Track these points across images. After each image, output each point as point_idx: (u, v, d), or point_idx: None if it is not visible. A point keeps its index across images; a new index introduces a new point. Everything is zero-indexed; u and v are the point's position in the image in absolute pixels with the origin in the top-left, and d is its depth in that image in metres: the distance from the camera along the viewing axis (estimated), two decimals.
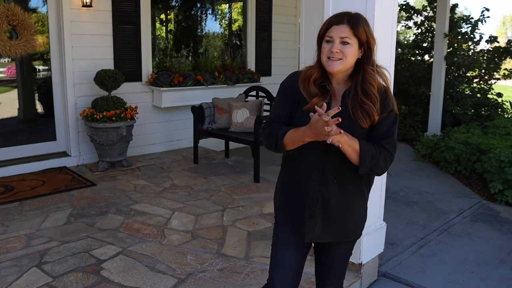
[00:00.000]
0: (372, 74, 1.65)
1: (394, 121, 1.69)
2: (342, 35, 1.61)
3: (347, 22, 1.62)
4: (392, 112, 1.68)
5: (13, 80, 5.01)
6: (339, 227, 1.77)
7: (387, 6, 2.58)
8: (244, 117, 4.92)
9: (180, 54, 6.27)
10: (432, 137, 6.58)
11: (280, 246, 1.85)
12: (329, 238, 1.80)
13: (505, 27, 40.70)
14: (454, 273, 3.20)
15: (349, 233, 1.82)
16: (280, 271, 1.83)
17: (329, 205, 1.72)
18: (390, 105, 1.68)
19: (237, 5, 6.88)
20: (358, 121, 1.64)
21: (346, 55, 1.62)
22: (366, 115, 1.63)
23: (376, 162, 1.64)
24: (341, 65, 1.63)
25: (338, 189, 1.71)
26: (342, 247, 1.87)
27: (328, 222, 1.75)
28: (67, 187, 4.33)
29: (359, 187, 1.76)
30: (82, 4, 4.87)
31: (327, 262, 1.91)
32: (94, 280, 2.69)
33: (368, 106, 1.63)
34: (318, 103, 1.65)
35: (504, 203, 4.62)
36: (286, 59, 7.12)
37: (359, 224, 1.84)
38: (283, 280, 1.82)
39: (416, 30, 8.45)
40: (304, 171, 1.73)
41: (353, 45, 1.62)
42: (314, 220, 1.74)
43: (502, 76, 7.85)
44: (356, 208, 1.79)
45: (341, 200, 1.73)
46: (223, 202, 4.04)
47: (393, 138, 1.69)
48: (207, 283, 2.69)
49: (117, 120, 4.74)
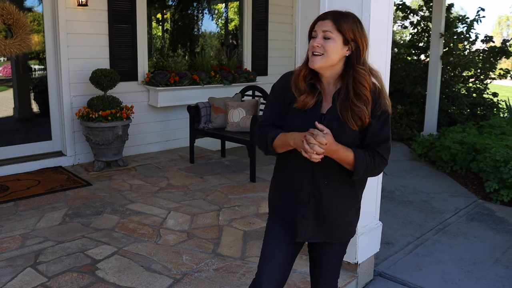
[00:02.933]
0: (363, 74, 1.61)
1: (386, 122, 1.65)
2: (324, 29, 1.59)
3: (331, 17, 1.61)
4: (385, 114, 1.65)
5: (9, 80, 4.99)
6: (331, 227, 1.77)
7: (382, 5, 2.58)
8: (240, 117, 4.92)
9: (176, 53, 6.26)
10: (428, 137, 6.60)
11: (270, 241, 1.85)
12: (321, 238, 1.79)
13: (500, 27, 40.84)
14: (449, 272, 3.20)
15: (341, 233, 1.81)
16: (268, 266, 1.82)
17: (321, 206, 1.71)
18: (383, 106, 1.64)
19: (233, 5, 6.87)
20: (348, 123, 1.60)
21: (327, 50, 1.59)
22: (357, 118, 1.59)
23: (370, 170, 1.65)
24: (322, 60, 1.60)
25: (329, 190, 1.70)
26: (335, 247, 1.86)
27: (320, 222, 1.75)
28: (62, 187, 4.31)
29: (351, 188, 1.75)
30: (77, 3, 4.85)
31: (321, 262, 1.90)
32: (89, 280, 2.68)
33: (359, 108, 1.59)
34: (306, 100, 1.65)
35: (500, 202, 4.64)
36: (282, 59, 7.12)
37: (351, 224, 1.83)
38: (270, 274, 1.81)
39: (412, 30, 8.47)
40: (296, 172, 1.73)
41: (335, 40, 1.59)
42: (306, 221, 1.74)
43: (497, 75, 7.89)
44: (348, 209, 1.78)
45: (333, 201, 1.72)
46: (219, 202, 4.04)
47: (388, 143, 1.67)
48: (202, 283, 2.69)
49: (113, 120, 4.73)
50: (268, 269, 1.81)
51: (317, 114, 1.65)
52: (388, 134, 1.67)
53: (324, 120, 1.64)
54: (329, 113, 1.65)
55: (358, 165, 1.60)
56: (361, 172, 1.63)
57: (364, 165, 1.61)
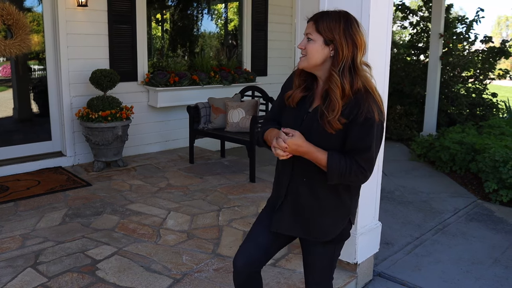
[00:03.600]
0: (335, 78, 1.54)
1: (369, 130, 1.53)
2: (307, 31, 1.62)
3: (314, 18, 1.62)
4: (369, 121, 1.53)
5: (8, 80, 4.99)
6: (307, 224, 1.76)
7: (382, 6, 2.59)
8: (240, 117, 4.92)
9: (175, 53, 6.26)
10: (427, 137, 6.60)
11: (256, 224, 1.92)
12: (300, 233, 1.80)
13: (499, 27, 40.91)
14: (449, 272, 3.21)
15: (320, 233, 1.77)
16: (247, 244, 1.88)
17: (298, 202, 1.75)
18: (367, 113, 1.52)
19: (232, 5, 6.87)
20: (322, 124, 1.58)
21: (308, 51, 1.61)
22: (326, 122, 1.55)
23: (346, 178, 1.57)
24: (305, 61, 1.62)
25: (307, 187, 1.71)
26: (318, 248, 1.82)
27: (296, 217, 1.77)
28: (62, 187, 4.32)
29: (333, 190, 1.68)
30: (77, 4, 4.85)
31: (307, 263, 1.91)
32: (89, 280, 2.68)
33: (325, 112, 1.55)
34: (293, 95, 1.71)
35: (499, 203, 4.65)
36: (282, 59, 7.13)
37: (334, 226, 1.76)
38: (245, 253, 1.86)
39: (412, 30, 8.48)
40: (282, 167, 1.80)
41: (316, 41, 1.59)
42: (280, 213, 1.80)
43: (496, 76, 7.89)
44: (329, 210, 1.72)
45: (310, 198, 1.71)
46: (218, 202, 4.04)
47: (368, 153, 1.54)
48: (202, 283, 2.69)
49: (113, 120, 4.73)
50: (246, 247, 1.87)
51: (303, 112, 1.70)
52: (369, 143, 1.54)
53: (306, 119, 1.67)
54: (312, 113, 1.67)
55: (330, 169, 1.55)
56: (334, 177, 1.57)
57: (337, 171, 1.55)
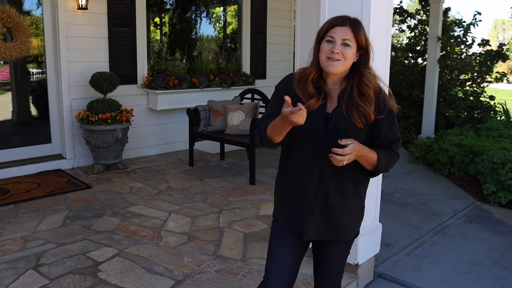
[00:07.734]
0: (369, 76, 1.71)
1: (394, 121, 1.76)
2: (345, 37, 1.66)
3: (349, 24, 1.67)
4: (392, 113, 1.75)
5: (7, 83, 5.00)
6: (337, 225, 1.80)
7: (382, 10, 2.61)
8: (240, 120, 4.94)
9: (175, 57, 6.28)
10: (425, 140, 6.64)
11: (277, 243, 1.87)
12: (327, 236, 1.82)
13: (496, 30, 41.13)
14: (448, 273, 3.23)
15: (347, 231, 1.84)
16: (275, 267, 1.84)
17: (328, 203, 1.75)
18: (388, 105, 1.73)
19: (231, 8, 6.90)
20: (352, 120, 1.68)
21: (346, 57, 1.66)
22: (362, 115, 1.68)
23: (388, 168, 1.78)
24: (339, 65, 1.67)
25: (336, 188, 1.75)
26: (340, 247, 1.89)
27: (327, 220, 1.78)
28: (62, 190, 4.32)
29: (356, 187, 1.81)
30: (77, 7, 4.87)
31: (327, 262, 1.92)
32: (91, 282, 2.69)
33: (362, 107, 1.67)
34: (315, 104, 1.69)
35: (497, 204, 4.67)
36: (281, 62, 7.16)
37: (356, 223, 1.89)
38: (278, 275, 1.83)
39: (410, 34, 8.53)
40: (303, 172, 1.76)
41: (352, 48, 1.67)
42: (313, 217, 1.77)
43: (494, 79, 7.95)
44: (354, 207, 1.83)
45: (340, 199, 1.76)
46: (219, 204, 4.05)
47: (399, 141, 1.80)
48: (204, 284, 2.70)
49: (113, 123, 4.74)
50: (276, 273, 1.84)
51: (322, 114, 1.71)
52: (398, 133, 1.80)
53: (331, 119, 1.70)
54: (335, 112, 1.71)
55: (380, 164, 1.71)
56: (382, 171, 1.75)
57: (385, 163, 1.73)
